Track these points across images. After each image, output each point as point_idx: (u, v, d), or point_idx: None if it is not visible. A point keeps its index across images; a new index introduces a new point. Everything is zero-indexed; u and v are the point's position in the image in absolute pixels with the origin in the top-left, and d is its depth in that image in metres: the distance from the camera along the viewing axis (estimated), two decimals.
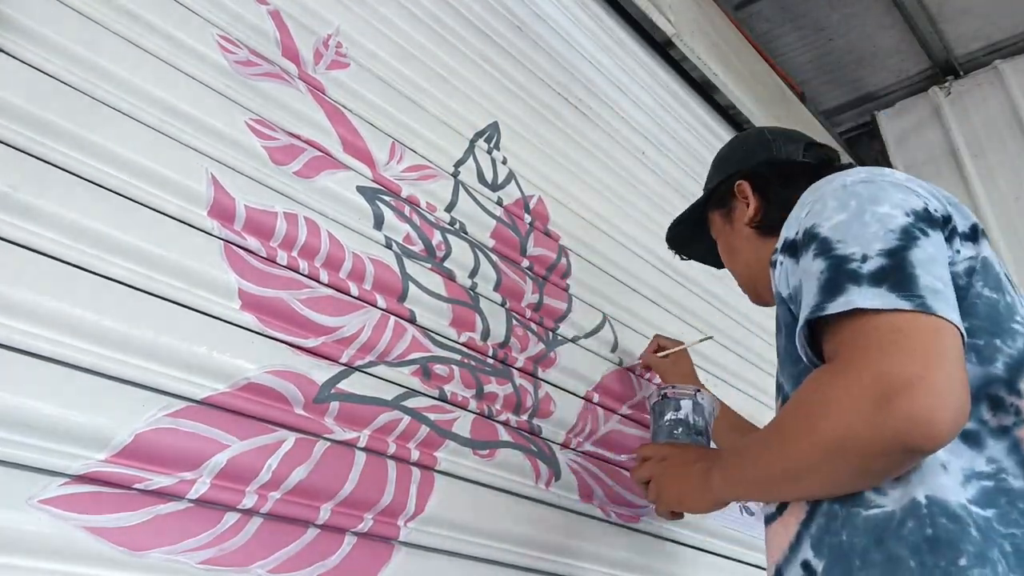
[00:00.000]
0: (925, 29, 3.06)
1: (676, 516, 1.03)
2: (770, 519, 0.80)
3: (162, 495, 0.77)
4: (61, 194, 0.79)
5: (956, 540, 0.59)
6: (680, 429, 1.08)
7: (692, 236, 1.23)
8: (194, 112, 0.94)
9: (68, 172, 0.80)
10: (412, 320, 1.09)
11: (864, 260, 0.65)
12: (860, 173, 0.76)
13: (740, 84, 2.32)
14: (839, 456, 0.62)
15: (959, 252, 0.70)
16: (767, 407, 1.84)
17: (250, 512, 0.83)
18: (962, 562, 0.58)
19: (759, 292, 1.09)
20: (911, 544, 0.61)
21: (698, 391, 1.11)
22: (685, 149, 2.05)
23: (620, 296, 1.54)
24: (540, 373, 1.28)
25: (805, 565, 0.70)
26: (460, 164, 1.30)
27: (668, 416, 1.09)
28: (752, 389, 1.85)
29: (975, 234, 0.73)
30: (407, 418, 1.02)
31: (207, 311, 0.87)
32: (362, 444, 0.96)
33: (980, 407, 0.65)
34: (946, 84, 3.25)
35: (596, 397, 1.37)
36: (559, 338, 1.35)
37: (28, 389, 0.71)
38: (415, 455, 1.01)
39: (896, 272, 0.63)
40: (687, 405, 1.09)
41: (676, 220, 1.24)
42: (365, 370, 1.00)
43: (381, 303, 1.05)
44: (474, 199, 1.30)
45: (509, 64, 1.53)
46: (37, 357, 0.73)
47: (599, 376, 1.39)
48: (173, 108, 0.92)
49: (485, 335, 1.20)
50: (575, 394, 1.33)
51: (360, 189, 1.10)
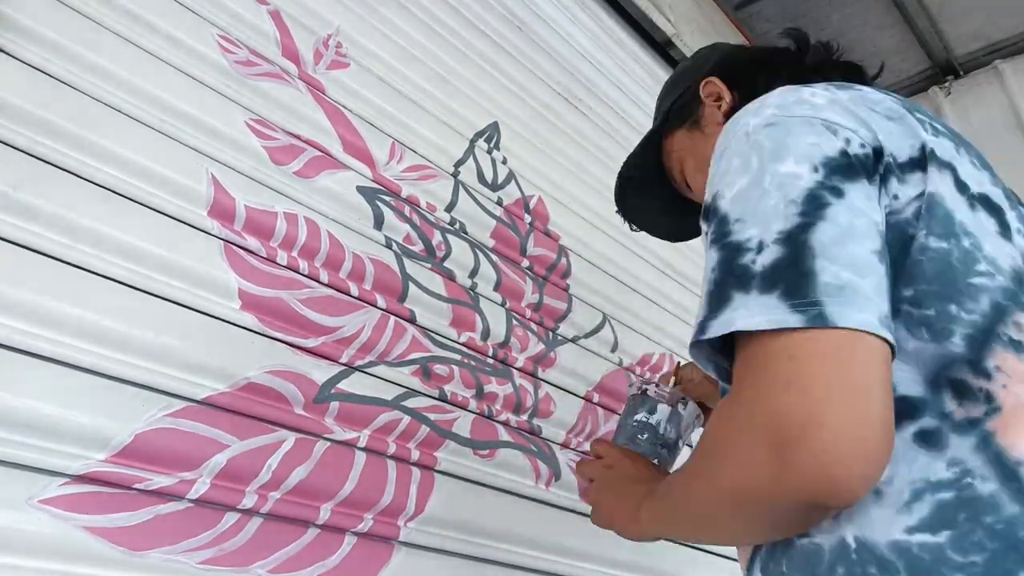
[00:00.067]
0: (925, 29, 3.06)
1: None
2: None
3: (162, 495, 0.78)
4: (61, 194, 0.79)
5: None
6: (646, 435, 0.93)
7: (643, 189, 0.97)
8: (194, 112, 0.94)
9: (68, 172, 0.80)
10: (412, 320, 1.09)
11: (760, 250, 0.52)
12: (768, 109, 0.59)
13: None
14: (744, 508, 0.52)
15: (897, 197, 0.54)
16: None
17: (250, 512, 0.83)
18: None
19: None
20: None
21: (684, 399, 0.97)
22: None
23: (620, 296, 1.54)
24: (540, 373, 1.28)
25: None
26: (460, 164, 1.30)
27: (638, 416, 0.95)
28: None
29: (923, 159, 0.55)
30: (407, 418, 1.02)
31: (207, 311, 0.87)
32: (362, 444, 0.96)
33: (941, 398, 0.52)
34: (946, 84, 3.25)
35: (596, 397, 1.37)
36: (559, 338, 1.35)
37: (28, 389, 0.72)
38: (415, 455, 1.01)
39: (792, 268, 0.51)
40: (663, 411, 0.95)
41: (624, 165, 0.98)
42: (365, 370, 1.00)
43: (381, 303, 1.05)
44: (474, 199, 1.30)
45: (509, 64, 1.53)
46: (37, 357, 0.73)
47: (599, 376, 1.39)
48: (173, 108, 0.92)
49: (485, 335, 1.20)
50: (575, 394, 1.33)
51: (360, 189, 1.10)
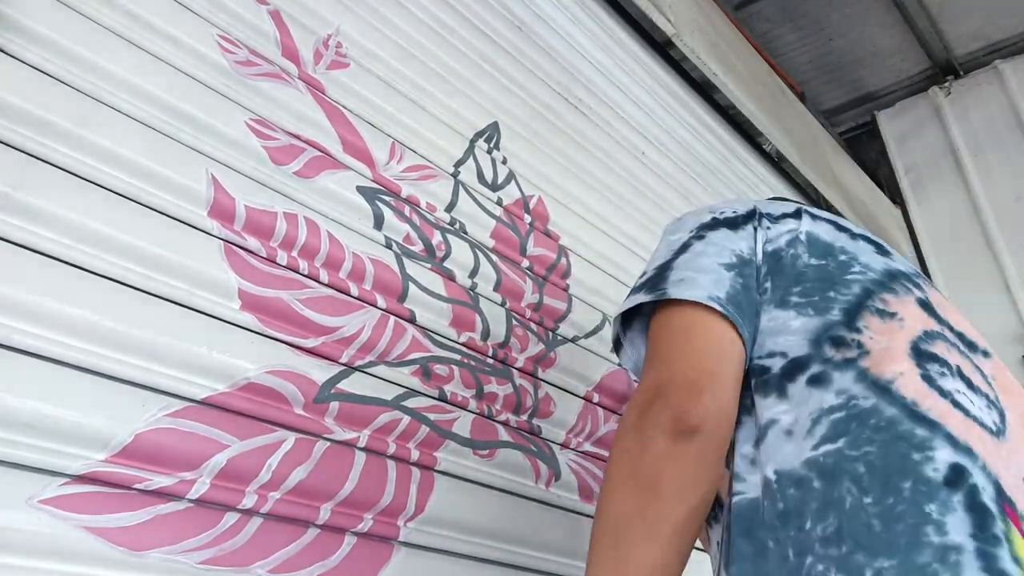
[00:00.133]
0: (925, 29, 3.06)
1: None
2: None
3: (162, 495, 0.77)
4: (61, 194, 0.79)
5: (801, 504, 0.60)
6: None
7: None
8: (194, 112, 0.94)
9: (68, 172, 0.80)
10: (412, 320, 1.09)
11: (642, 276, 0.79)
12: (679, 218, 0.87)
13: (740, 84, 2.32)
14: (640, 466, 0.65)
15: (770, 229, 0.79)
16: None
17: (250, 512, 0.83)
18: (807, 525, 0.58)
19: None
20: (769, 526, 0.61)
21: None
22: (685, 149, 2.05)
23: (620, 296, 1.54)
24: (540, 373, 1.28)
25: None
26: (460, 164, 1.30)
27: None
28: None
29: (798, 214, 0.81)
30: (407, 418, 1.02)
31: (207, 311, 0.87)
32: (362, 444, 0.96)
33: (823, 348, 0.68)
34: (946, 84, 3.25)
35: (596, 397, 1.37)
36: (559, 338, 1.35)
37: (28, 389, 0.72)
38: (415, 455, 1.01)
39: (656, 278, 0.75)
40: None
41: None
42: (365, 370, 1.00)
43: (381, 303, 1.05)
44: (474, 199, 1.30)
45: (509, 64, 1.52)
46: (37, 357, 0.73)
47: (599, 376, 1.39)
48: (173, 108, 0.92)
49: (485, 335, 1.20)
50: (575, 394, 1.33)
51: (360, 189, 1.10)
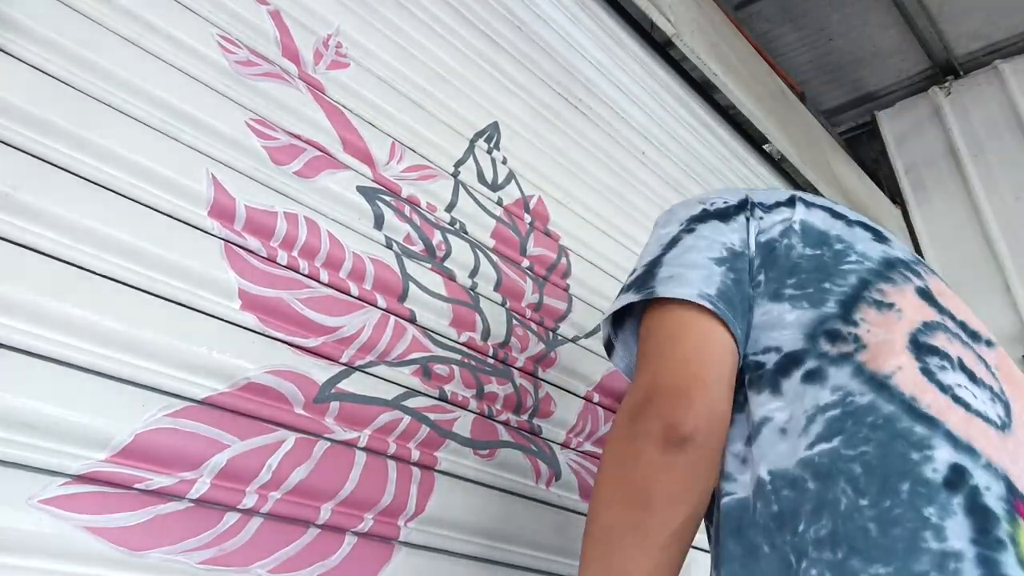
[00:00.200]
0: (925, 29, 3.06)
1: None
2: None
3: (162, 495, 0.77)
4: (61, 194, 0.79)
5: (796, 506, 0.58)
6: None
7: None
8: (194, 112, 0.94)
9: (68, 172, 0.80)
10: (412, 320, 1.09)
11: (632, 273, 0.77)
12: (669, 209, 0.85)
13: (740, 84, 2.32)
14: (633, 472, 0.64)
15: (763, 219, 0.77)
16: None
17: (250, 512, 0.83)
18: (801, 527, 0.57)
19: None
20: (763, 528, 0.60)
21: None
22: (685, 149, 2.05)
23: None
24: (540, 373, 1.27)
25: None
26: (460, 164, 1.30)
27: None
28: None
29: (792, 202, 0.79)
30: (407, 418, 1.02)
31: (207, 311, 0.87)
32: (362, 444, 0.96)
33: (818, 342, 0.66)
34: (946, 84, 3.25)
35: (596, 397, 1.37)
36: (559, 338, 1.35)
37: (28, 389, 0.71)
38: (415, 455, 1.01)
39: (645, 275, 0.74)
40: None
41: None
42: (365, 370, 1.00)
43: (381, 303, 1.05)
44: (474, 199, 1.30)
45: (509, 64, 1.52)
46: (37, 357, 0.73)
47: (599, 376, 1.39)
48: (173, 108, 0.92)
49: (485, 335, 1.20)
50: (575, 394, 1.33)
51: (360, 189, 1.10)
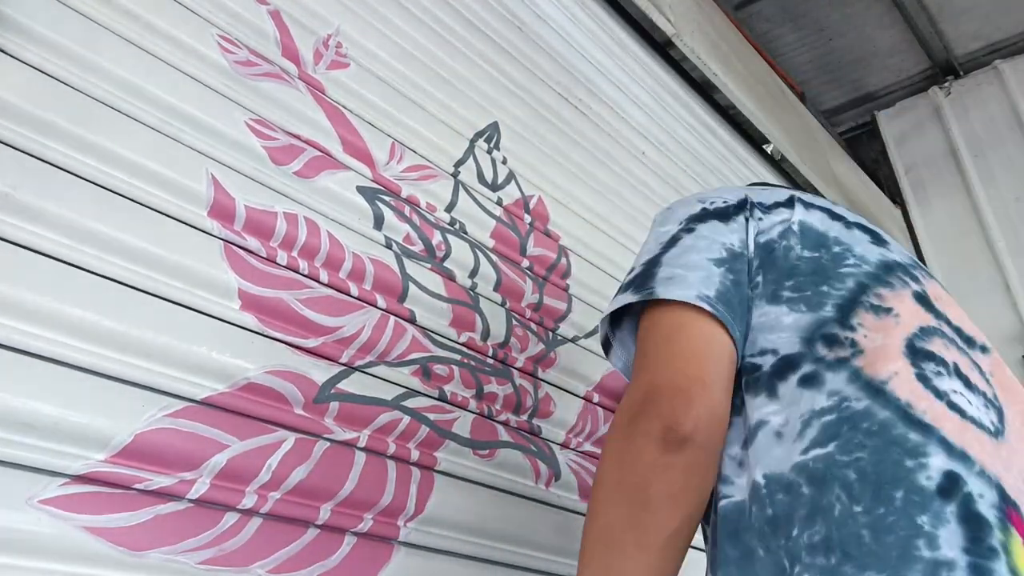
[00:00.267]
0: (925, 29, 3.06)
1: None
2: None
3: (162, 495, 0.77)
4: (61, 194, 0.79)
5: (791, 511, 0.58)
6: None
7: None
8: (194, 112, 0.94)
9: (68, 172, 0.80)
10: (412, 320, 1.09)
11: (631, 272, 0.75)
12: (669, 207, 0.83)
13: (740, 84, 2.32)
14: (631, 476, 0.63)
15: (762, 220, 0.76)
16: None
17: (250, 512, 0.83)
18: (795, 532, 0.57)
19: None
20: (758, 531, 0.60)
21: None
22: (685, 149, 2.05)
23: None
24: (540, 373, 1.28)
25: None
26: (460, 164, 1.30)
27: None
28: None
29: (791, 203, 0.78)
30: (407, 418, 1.02)
31: (207, 311, 0.87)
32: (362, 444, 0.96)
33: (815, 346, 0.66)
34: (946, 84, 3.25)
35: (596, 397, 1.37)
36: (559, 338, 1.35)
37: (28, 389, 0.71)
38: (415, 455, 1.01)
39: (643, 275, 0.72)
40: None
41: None
42: (365, 370, 1.00)
43: (381, 303, 1.05)
44: (474, 199, 1.30)
45: (509, 64, 1.52)
46: (37, 357, 0.73)
47: (599, 376, 1.39)
48: (173, 108, 0.92)
49: (485, 335, 1.20)
50: (575, 394, 1.33)
51: (360, 189, 1.10)
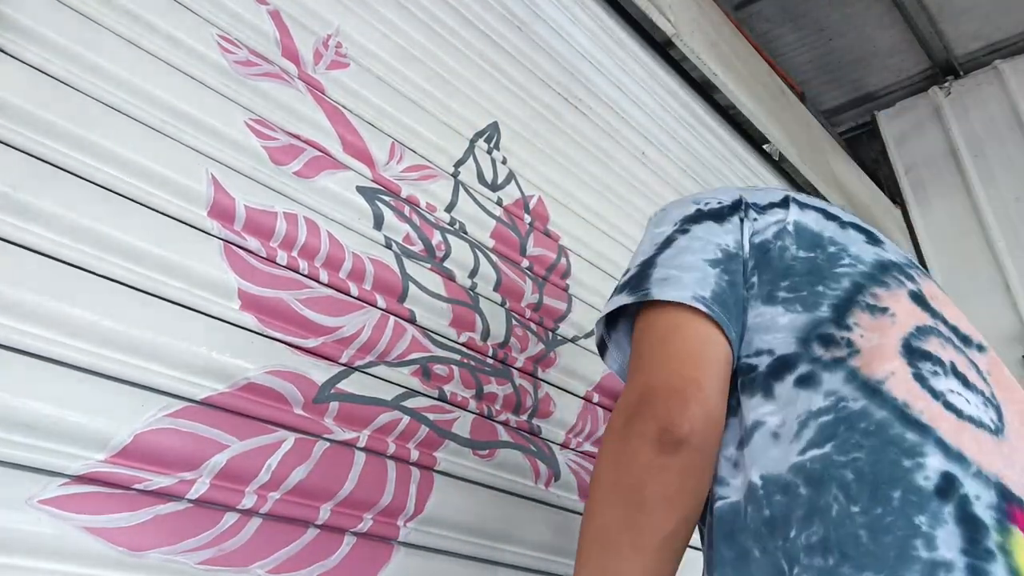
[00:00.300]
0: (925, 29, 3.06)
1: None
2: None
3: (162, 495, 0.77)
4: (61, 194, 0.79)
5: (788, 512, 0.58)
6: None
7: None
8: (194, 112, 0.94)
9: (68, 172, 0.80)
10: (412, 320, 1.09)
11: (626, 274, 0.75)
12: (663, 208, 0.84)
13: (740, 84, 2.32)
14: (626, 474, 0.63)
15: (757, 220, 0.76)
16: None
17: (250, 512, 0.83)
18: (792, 533, 0.57)
19: None
20: (754, 532, 0.60)
21: None
22: (685, 149, 2.05)
23: None
24: (540, 373, 1.28)
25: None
26: (460, 164, 1.30)
27: None
28: None
29: (786, 203, 0.78)
30: (407, 418, 1.02)
31: (207, 311, 0.87)
32: (362, 444, 0.96)
33: (811, 346, 0.66)
34: (946, 84, 3.25)
35: (596, 397, 1.37)
36: (559, 338, 1.35)
37: (28, 389, 0.72)
38: (415, 455, 1.01)
39: (638, 277, 0.72)
40: None
41: None
42: (365, 370, 1.00)
43: (381, 303, 1.05)
44: (474, 199, 1.30)
45: (509, 64, 1.52)
46: (37, 357, 0.73)
47: (599, 376, 1.39)
48: (173, 108, 0.92)
49: (485, 335, 1.20)
50: (575, 394, 1.33)
51: (360, 189, 1.10)
